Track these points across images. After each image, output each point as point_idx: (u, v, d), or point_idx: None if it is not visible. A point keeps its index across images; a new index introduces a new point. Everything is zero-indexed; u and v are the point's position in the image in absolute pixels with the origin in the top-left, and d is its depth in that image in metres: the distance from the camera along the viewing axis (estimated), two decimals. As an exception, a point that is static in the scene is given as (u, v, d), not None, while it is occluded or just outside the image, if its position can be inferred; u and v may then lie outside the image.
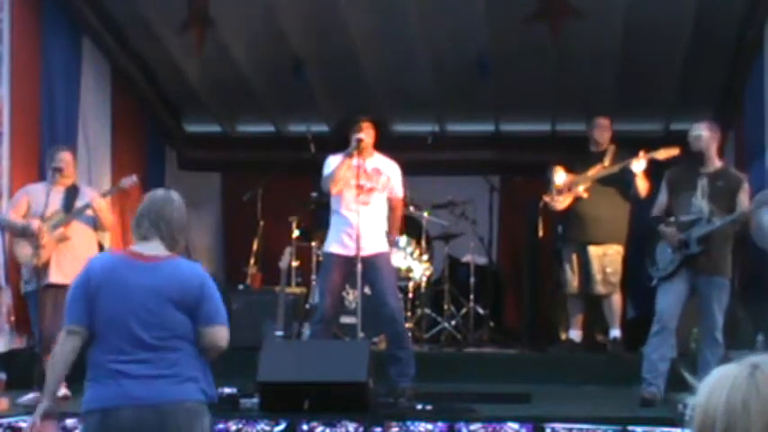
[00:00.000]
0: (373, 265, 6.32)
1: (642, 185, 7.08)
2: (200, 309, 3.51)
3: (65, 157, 6.75)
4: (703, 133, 6.10)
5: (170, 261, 3.58)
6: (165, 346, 3.43)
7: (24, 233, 6.48)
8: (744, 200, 6.02)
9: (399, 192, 6.60)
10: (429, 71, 9.03)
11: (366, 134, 6.35)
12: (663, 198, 6.31)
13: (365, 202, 6.32)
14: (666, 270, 6.07)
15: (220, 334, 3.56)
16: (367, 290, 6.70)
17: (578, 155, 7.76)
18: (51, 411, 3.51)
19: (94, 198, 6.68)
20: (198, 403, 3.51)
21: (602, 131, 7.64)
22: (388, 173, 6.50)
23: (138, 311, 3.41)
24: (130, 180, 6.85)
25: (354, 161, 6.29)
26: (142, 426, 3.37)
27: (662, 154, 6.93)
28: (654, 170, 7.04)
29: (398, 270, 7.80)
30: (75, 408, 5.75)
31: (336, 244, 6.40)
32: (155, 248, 3.58)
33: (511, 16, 8.09)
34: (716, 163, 6.18)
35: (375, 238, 6.39)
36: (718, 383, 1.44)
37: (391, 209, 6.60)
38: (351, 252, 6.24)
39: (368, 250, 6.27)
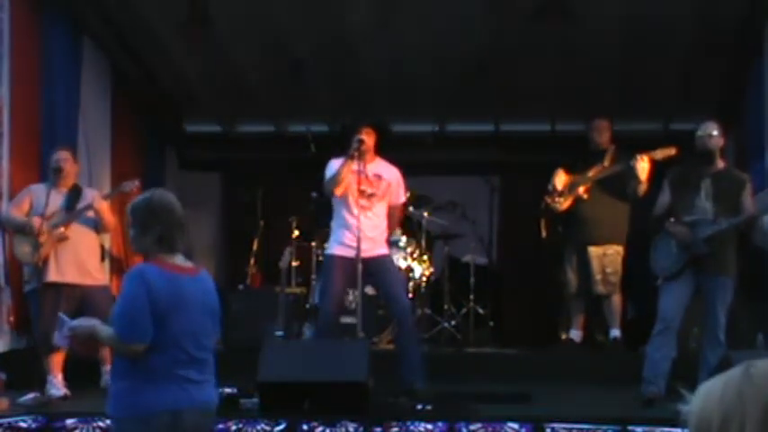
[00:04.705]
0: (380, 267, 6.35)
1: (644, 186, 7.05)
2: (218, 318, 3.80)
3: (63, 155, 6.73)
4: (715, 132, 6.07)
5: (201, 273, 3.74)
6: (206, 355, 3.67)
7: (24, 230, 6.48)
8: (748, 200, 6.00)
9: (399, 198, 6.63)
10: (429, 71, 9.03)
11: (367, 138, 6.37)
12: (665, 198, 6.23)
13: (366, 206, 6.36)
14: (672, 270, 6.04)
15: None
16: (369, 290, 6.69)
17: (579, 155, 7.75)
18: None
19: (96, 198, 6.67)
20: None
21: (601, 133, 7.63)
22: (389, 179, 6.51)
23: (195, 326, 3.60)
24: (132, 184, 6.83)
25: (355, 166, 6.31)
26: (197, 425, 3.62)
27: (659, 154, 6.90)
28: (653, 170, 7.03)
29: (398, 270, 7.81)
30: (76, 408, 5.77)
31: (339, 246, 6.40)
32: (184, 260, 3.68)
33: (511, 16, 8.10)
34: (719, 163, 6.16)
35: (377, 241, 6.42)
36: (712, 387, 1.44)
37: (390, 209, 6.61)
38: (353, 254, 6.24)
39: (371, 252, 6.30)
